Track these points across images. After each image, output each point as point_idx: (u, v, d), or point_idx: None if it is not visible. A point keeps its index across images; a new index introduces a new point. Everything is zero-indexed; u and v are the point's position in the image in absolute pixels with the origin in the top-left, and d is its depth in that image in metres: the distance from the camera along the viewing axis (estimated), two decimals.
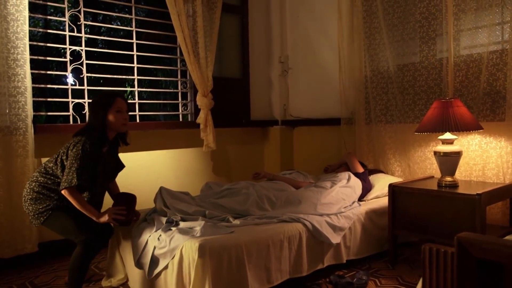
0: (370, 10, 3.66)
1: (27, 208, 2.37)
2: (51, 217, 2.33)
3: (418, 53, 3.39)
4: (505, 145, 2.86)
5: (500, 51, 2.90)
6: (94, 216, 2.31)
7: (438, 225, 2.64)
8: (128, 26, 3.93)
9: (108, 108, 2.42)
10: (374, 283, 2.60)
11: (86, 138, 2.33)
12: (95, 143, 2.37)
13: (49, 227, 2.39)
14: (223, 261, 2.11)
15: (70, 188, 2.24)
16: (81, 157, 2.26)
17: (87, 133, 2.38)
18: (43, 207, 2.33)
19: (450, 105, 2.68)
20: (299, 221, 2.55)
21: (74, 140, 2.35)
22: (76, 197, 2.27)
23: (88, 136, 2.35)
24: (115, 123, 2.44)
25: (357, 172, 3.28)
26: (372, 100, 3.66)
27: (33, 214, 2.35)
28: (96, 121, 2.41)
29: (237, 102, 4.44)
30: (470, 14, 3.02)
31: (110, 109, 2.42)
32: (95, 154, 2.36)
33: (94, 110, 2.45)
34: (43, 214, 2.33)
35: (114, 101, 2.44)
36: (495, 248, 1.05)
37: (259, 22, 4.63)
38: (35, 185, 2.37)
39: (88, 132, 2.39)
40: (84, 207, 2.29)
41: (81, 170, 2.25)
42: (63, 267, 2.99)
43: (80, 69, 3.41)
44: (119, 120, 2.45)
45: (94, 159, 2.35)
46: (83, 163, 2.27)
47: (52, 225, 2.37)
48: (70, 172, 2.24)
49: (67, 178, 2.24)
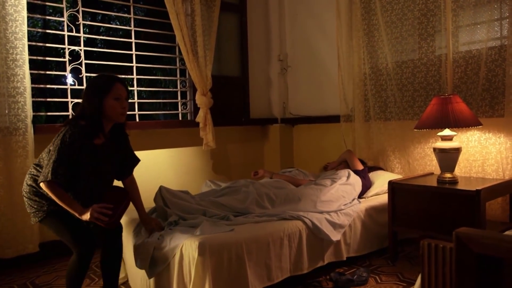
0: (368, 7, 3.66)
1: (26, 203, 2.20)
2: (46, 220, 2.16)
3: (417, 49, 3.39)
4: (504, 141, 2.86)
5: (499, 47, 2.90)
6: (77, 213, 2.06)
7: (438, 222, 2.64)
8: (127, 26, 3.93)
9: (104, 94, 2.12)
10: (375, 280, 2.60)
11: (69, 128, 2.06)
12: (80, 134, 2.07)
13: (46, 227, 2.23)
14: (223, 259, 2.12)
15: (49, 181, 1.99)
16: (59, 149, 2.01)
17: (73, 122, 2.11)
18: (37, 206, 2.15)
19: (449, 101, 2.68)
20: (299, 218, 2.56)
21: (62, 129, 2.11)
22: (54, 192, 2.02)
23: (73, 126, 2.08)
24: (112, 112, 2.14)
25: (357, 169, 3.29)
26: (371, 97, 3.66)
27: (29, 210, 2.19)
28: (89, 108, 2.12)
29: (236, 101, 4.45)
30: (468, 10, 3.01)
31: (107, 95, 2.12)
32: (77, 147, 2.06)
33: (88, 95, 2.15)
34: (38, 215, 2.16)
35: (113, 87, 2.14)
36: (494, 243, 1.05)
37: (258, 21, 4.63)
38: (28, 178, 2.18)
39: (75, 121, 2.12)
40: (64, 202, 2.03)
41: (57, 164, 1.99)
42: (65, 267, 2.99)
43: (79, 69, 3.41)
44: (117, 108, 2.15)
45: (73, 153, 2.05)
46: (60, 157, 2.01)
47: (48, 227, 2.20)
48: (48, 165, 2.01)
49: (44, 171, 2.02)
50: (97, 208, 2.05)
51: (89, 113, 2.12)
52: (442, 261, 1.17)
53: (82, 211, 2.05)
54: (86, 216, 2.03)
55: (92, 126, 2.13)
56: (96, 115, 2.13)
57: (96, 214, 2.03)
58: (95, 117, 2.13)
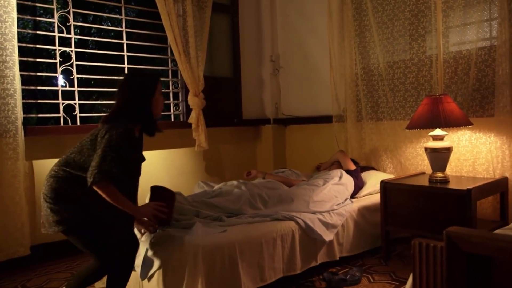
0: (360, 8, 3.67)
1: (46, 210, 1.99)
2: (73, 229, 2.00)
3: (408, 50, 3.41)
4: (494, 140, 2.89)
5: (489, 47, 2.93)
6: (133, 211, 2.02)
7: (430, 221, 2.66)
8: (119, 27, 3.92)
9: (153, 92, 2.16)
10: (367, 279, 2.61)
11: (120, 125, 2.02)
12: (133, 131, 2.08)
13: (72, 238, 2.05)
14: (216, 260, 2.12)
15: (104, 180, 1.90)
16: (114, 146, 1.95)
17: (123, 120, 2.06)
18: (63, 214, 1.97)
19: (440, 101, 2.70)
20: (292, 219, 2.56)
21: (106, 127, 2.02)
22: (110, 191, 1.93)
23: (125, 123, 2.04)
24: (157, 108, 2.19)
25: (349, 169, 3.30)
26: (363, 98, 3.68)
27: (51, 219, 1.98)
28: (140, 106, 2.11)
29: (228, 102, 4.44)
30: (458, 11, 3.04)
31: (154, 93, 2.16)
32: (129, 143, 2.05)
33: (136, 93, 2.12)
34: (63, 223, 1.97)
35: (158, 85, 2.19)
36: (483, 241, 1.06)
37: (250, 21, 4.63)
38: (53, 181, 2.00)
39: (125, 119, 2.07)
40: (120, 200, 1.96)
41: (114, 163, 1.93)
42: (56, 270, 2.98)
43: (71, 70, 3.39)
44: (161, 104, 2.22)
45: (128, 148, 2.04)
46: (117, 154, 1.95)
47: (75, 238, 2.04)
48: (104, 162, 1.90)
49: (100, 169, 1.90)
50: (154, 205, 2.09)
51: (141, 111, 2.13)
52: (433, 260, 1.18)
53: (137, 208, 2.07)
54: (144, 212, 2.06)
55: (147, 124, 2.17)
56: (149, 113, 2.16)
57: (154, 211, 2.07)
58: (148, 115, 2.16)
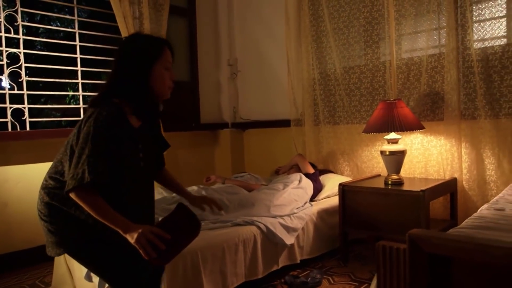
0: (316, 14, 3.75)
1: (44, 230, 1.61)
2: (80, 251, 1.60)
3: (363, 56, 3.52)
4: (444, 143, 3.03)
5: (438, 54, 3.07)
6: (121, 226, 1.45)
7: (386, 221, 2.75)
8: (69, 27, 3.76)
9: (153, 61, 1.59)
10: (328, 281, 2.66)
11: (101, 109, 1.51)
12: (119, 114, 1.56)
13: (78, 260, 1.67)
14: (178, 268, 2.08)
15: (80, 188, 1.43)
16: (93, 137, 1.46)
17: (106, 101, 1.57)
18: (63, 232, 1.57)
19: (395, 106, 2.80)
20: (253, 224, 2.56)
21: (88, 113, 1.55)
22: (88, 201, 1.45)
23: (110, 105, 1.55)
24: (159, 85, 1.61)
25: (308, 173, 3.34)
26: (321, 102, 3.74)
27: (50, 239, 1.59)
28: (134, 81, 1.57)
29: (186, 106, 4.39)
30: (410, 19, 3.17)
31: (155, 62, 1.60)
32: (117, 132, 1.53)
33: (129, 62, 1.59)
34: (65, 244, 1.58)
35: (163, 52, 1.62)
36: (443, 242, 1.10)
37: (207, 25, 4.60)
38: (44, 195, 1.59)
39: (108, 99, 1.58)
40: (102, 212, 1.45)
41: (94, 158, 1.44)
42: (3, 285, 2.81)
43: (19, 72, 3.22)
44: (166, 80, 1.63)
45: (113, 139, 1.52)
46: (97, 148, 1.46)
47: (81, 260, 1.65)
48: (79, 163, 1.44)
49: (73, 173, 1.44)
50: (155, 229, 1.46)
51: (135, 87, 1.58)
52: (396, 262, 1.22)
53: (129, 226, 1.45)
54: (135, 234, 1.41)
55: (141, 104, 1.60)
56: (144, 89, 1.59)
57: (151, 236, 1.42)
58: (144, 92, 1.59)
